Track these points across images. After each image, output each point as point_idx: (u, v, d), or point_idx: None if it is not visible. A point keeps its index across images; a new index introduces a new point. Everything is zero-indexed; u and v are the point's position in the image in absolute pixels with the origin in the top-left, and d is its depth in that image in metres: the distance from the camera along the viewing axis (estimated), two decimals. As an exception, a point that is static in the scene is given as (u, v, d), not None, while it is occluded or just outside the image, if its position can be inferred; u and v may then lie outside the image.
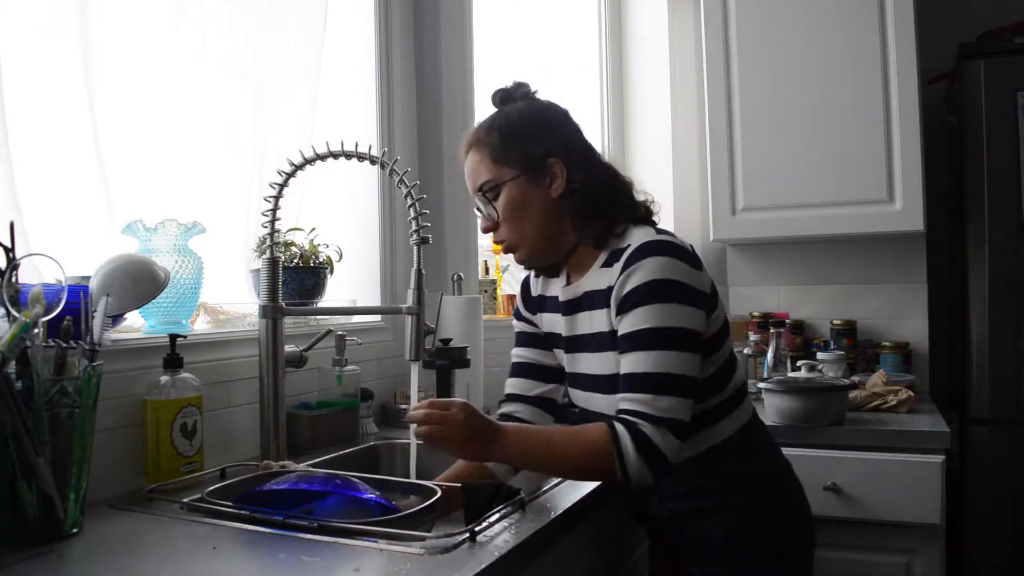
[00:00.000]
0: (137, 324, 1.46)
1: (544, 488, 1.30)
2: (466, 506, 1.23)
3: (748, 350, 2.42)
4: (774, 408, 1.96)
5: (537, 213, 1.29)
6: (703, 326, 1.20)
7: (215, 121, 1.67)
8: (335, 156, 1.46)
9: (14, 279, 1.07)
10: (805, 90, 2.35)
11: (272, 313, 1.48)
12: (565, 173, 1.29)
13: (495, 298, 2.38)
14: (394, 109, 2.13)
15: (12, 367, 1.01)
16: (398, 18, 2.15)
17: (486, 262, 2.44)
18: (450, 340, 1.87)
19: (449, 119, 2.21)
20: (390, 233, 2.10)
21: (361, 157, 1.46)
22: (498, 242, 1.35)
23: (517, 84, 1.36)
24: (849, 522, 1.85)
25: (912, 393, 2.10)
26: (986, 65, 2.20)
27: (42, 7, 1.36)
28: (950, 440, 1.86)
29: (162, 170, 1.57)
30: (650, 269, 1.18)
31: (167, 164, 1.58)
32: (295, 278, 1.69)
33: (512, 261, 1.38)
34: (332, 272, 1.79)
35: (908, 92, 2.24)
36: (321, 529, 1.05)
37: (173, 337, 1.35)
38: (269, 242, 1.47)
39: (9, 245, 1.07)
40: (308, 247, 1.76)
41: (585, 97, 2.97)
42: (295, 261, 1.72)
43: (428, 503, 1.14)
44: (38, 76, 1.36)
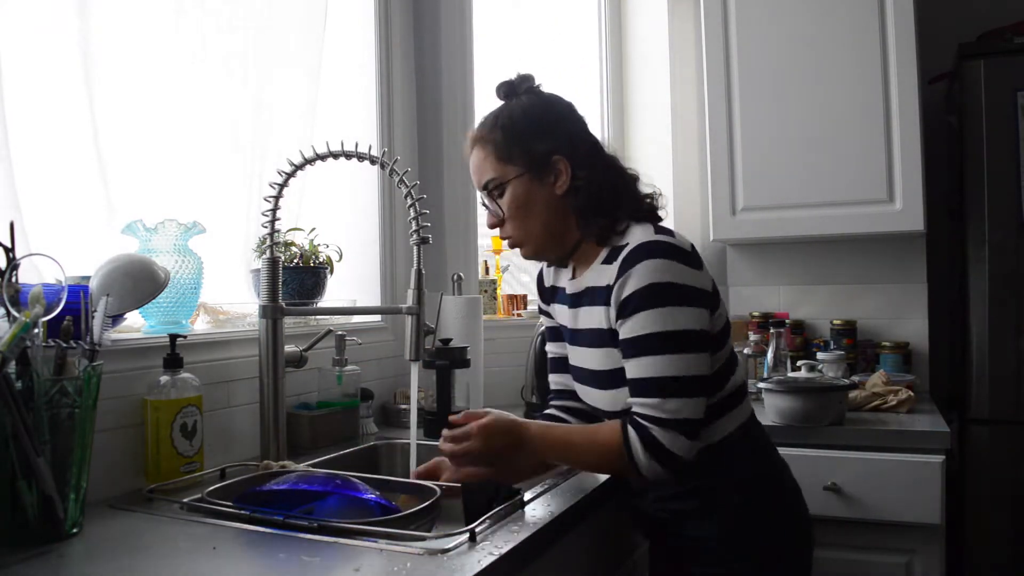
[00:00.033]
0: (137, 324, 1.47)
1: (544, 488, 1.30)
2: (466, 506, 1.23)
3: (748, 350, 2.42)
4: (774, 408, 1.96)
5: (542, 210, 1.30)
6: (707, 323, 1.21)
7: (215, 121, 1.67)
8: (335, 156, 1.46)
9: (14, 279, 1.07)
10: (805, 90, 2.35)
11: (272, 313, 1.48)
12: (569, 170, 1.29)
13: (495, 298, 2.38)
14: (394, 109, 2.13)
15: (12, 367, 1.01)
16: (398, 18, 2.16)
17: (486, 262, 2.44)
18: (450, 340, 1.87)
19: (449, 119, 2.21)
20: (390, 233, 2.10)
21: (361, 157, 1.46)
22: (504, 238, 1.35)
23: (522, 77, 1.36)
24: (849, 522, 1.85)
25: (912, 393, 2.10)
26: (986, 65, 2.19)
27: (42, 7, 1.36)
28: (950, 440, 1.86)
29: (162, 170, 1.57)
30: (647, 272, 1.18)
31: (167, 164, 1.58)
32: (295, 278, 1.69)
33: (512, 261, 1.39)
34: (332, 272, 1.80)
35: (908, 92, 2.24)
36: (321, 529, 1.05)
37: (173, 337, 1.35)
38: (269, 242, 1.47)
39: (9, 245, 1.07)
40: (308, 247, 1.76)
41: (585, 97, 2.96)
42: (295, 261, 1.72)
43: (428, 503, 1.14)
44: (38, 76, 1.36)
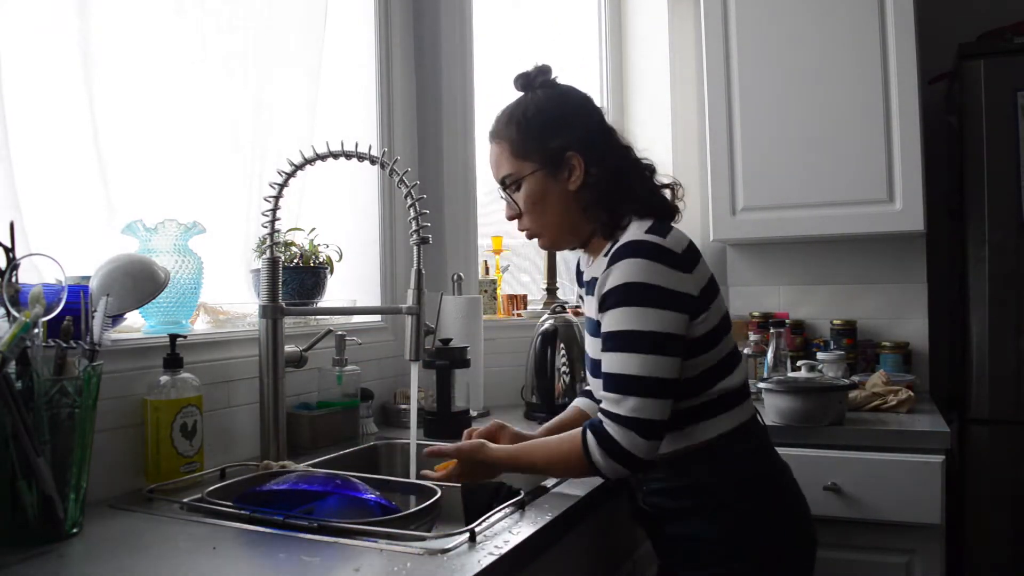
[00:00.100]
0: (137, 324, 1.46)
1: (544, 488, 1.30)
2: (466, 506, 1.24)
3: (748, 350, 2.42)
4: (774, 408, 1.96)
5: (556, 205, 1.33)
6: (682, 328, 1.20)
7: (215, 121, 1.67)
8: (335, 156, 1.46)
9: (14, 279, 1.07)
10: (805, 90, 2.35)
11: (272, 313, 1.48)
12: (582, 166, 1.31)
13: (495, 298, 2.38)
14: (394, 109, 2.13)
15: (12, 367, 1.01)
16: (398, 18, 2.15)
17: (486, 262, 2.44)
18: (450, 340, 1.87)
19: (449, 119, 2.21)
20: (390, 233, 2.10)
21: (361, 157, 1.46)
22: (521, 230, 1.39)
23: (538, 69, 1.39)
24: (849, 522, 1.85)
25: (912, 393, 2.10)
26: (986, 65, 2.19)
27: (42, 7, 1.36)
28: (950, 440, 1.86)
29: (162, 170, 1.57)
30: (626, 271, 1.20)
31: (167, 164, 1.58)
32: (295, 278, 1.69)
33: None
34: (332, 272, 1.80)
35: (908, 92, 2.24)
36: (321, 529, 1.05)
37: (173, 337, 1.35)
38: (269, 242, 1.47)
39: (9, 245, 1.07)
40: (308, 247, 1.76)
41: (585, 97, 2.96)
42: (295, 261, 1.72)
43: (428, 503, 1.14)
44: (38, 76, 1.36)
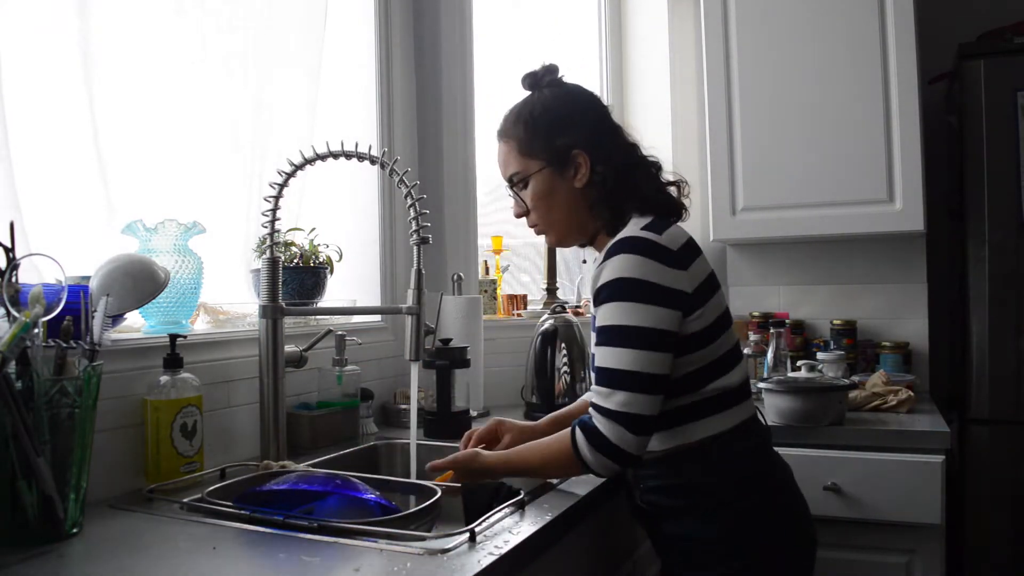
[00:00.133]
0: (137, 324, 1.46)
1: (544, 488, 1.30)
2: (466, 506, 1.24)
3: (748, 350, 2.42)
4: (774, 408, 1.96)
5: (563, 202, 1.35)
6: (674, 324, 1.20)
7: (215, 121, 1.67)
8: (335, 156, 1.46)
9: (14, 279, 1.07)
10: (805, 90, 2.35)
11: (272, 313, 1.48)
12: (589, 164, 1.33)
13: (495, 298, 2.38)
14: (394, 109, 2.13)
15: (12, 367, 1.01)
16: (398, 18, 2.15)
17: (486, 262, 2.44)
18: (450, 340, 1.87)
19: (449, 119, 2.21)
20: (390, 233, 2.10)
21: (361, 157, 1.46)
22: (530, 226, 1.41)
23: (546, 68, 1.40)
24: (849, 522, 1.85)
25: (912, 393, 2.10)
26: (986, 65, 2.19)
27: (42, 7, 1.36)
28: (950, 440, 1.86)
29: (162, 170, 1.57)
30: (619, 266, 1.21)
31: (167, 164, 1.58)
32: (295, 278, 1.69)
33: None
34: (332, 272, 1.80)
35: (908, 92, 2.24)
36: (321, 529, 1.05)
37: (173, 337, 1.35)
38: (269, 242, 1.47)
39: (9, 245, 1.07)
40: (308, 247, 1.76)
41: (585, 97, 2.96)
42: (295, 261, 1.72)
43: (428, 503, 1.14)
44: (38, 76, 1.36)
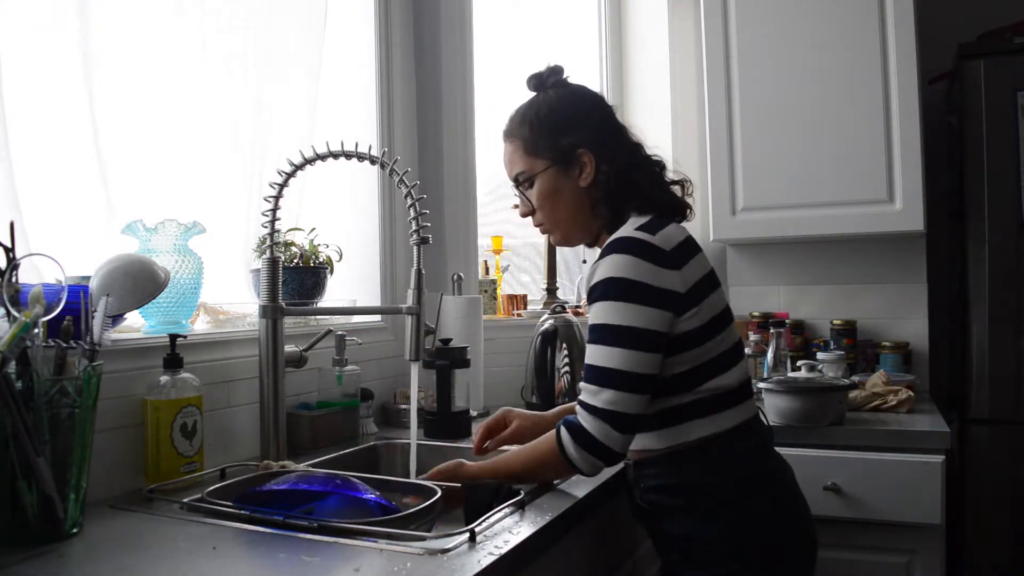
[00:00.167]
0: (137, 324, 1.46)
1: (544, 488, 1.30)
2: (466, 506, 1.24)
3: (748, 350, 2.42)
4: (774, 408, 1.96)
5: (568, 201, 1.36)
6: (664, 325, 1.21)
7: (215, 121, 1.67)
8: (335, 156, 1.46)
9: (14, 279, 1.07)
10: (805, 90, 2.35)
11: (272, 313, 1.48)
12: (593, 163, 1.34)
13: (495, 298, 2.38)
14: (394, 109, 2.13)
15: (12, 367, 1.01)
16: (398, 18, 2.15)
17: (486, 262, 2.44)
18: (450, 340, 1.87)
19: (449, 119, 2.21)
20: (390, 233, 2.10)
21: (361, 157, 1.46)
22: (536, 225, 1.42)
23: (550, 70, 1.41)
24: (849, 522, 1.85)
25: (912, 393, 2.10)
26: (986, 65, 2.19)
27: (42, 7, 1.36)
28: (950, 440, 1.86)
29: (162, 170, 1.57)
30: (611, 266, 1.22)
31: (167, 164, 1.58)
32: (295, 278, 1.69)
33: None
34: (332, 272, 1.80)
35: (908, 92, 2.24)
36: (321, 529, 1.05)
37: (173, 337, 1.35)
38: (269, 242, 1.47)
39: (9, 245, 1.07)
40: (308, 247, 1.76)
41: (585, 97, 2.96)
42: (295, 261, 1.72)
43: (428, 503, 1.14)
44: (38, 76, 1.36)
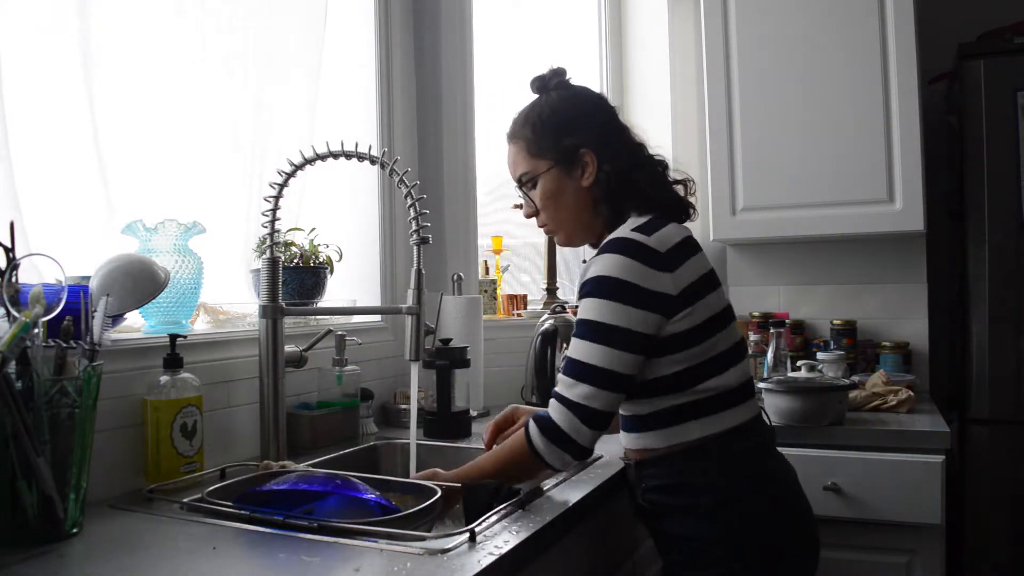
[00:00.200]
0: (137, 324, 1.46)
1: (544, 488, 1.30)
2: (466, 506, 1.24)
3: (748, 350, 2.42)
4: (774, 408, 1.96)
5: (571, 201, 1.37)
6: (650, 327, 1.21)
7: (215, 121, 1.67)
8: (335, 156, 1.46)
9: (14, 279, 1.07)
10: (805, 90, 2.35)
11: (272, 313, 1.48)
12: (595, 163, 1.34)
13: (495, 298, 2.38)
14: (394, 109, 2.13)
15: (12, 367, 1.01)
16: (398, 18, 2.15)
17: (486, 262, 2.44)
18: (450, 340, 1.87)
19: (449, 119, 2.21)
20: (390, 233, 2.10)
21: (361, 157, 1.46)
22: (540, 226, 1.43)
23: (553, 72, 1.42)
24: (849, 522, 1.85)
25: (912, 393, 2.10)
26: (986, 65, 2.19)
27: (42, 7, 1.36)
28: (950, 440, 1.86)
29: (162, 170, 1.57)
30: (603, 265, 1.23)
31: (167, 164, 1.58)
32: (295, 278, 1.69)
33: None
34: (332, 272, 1.80)
35: (908, 92, 2.24)
36: (321, 529, 1.05)
37: (173, 337, 1.35)
38: (269, 242, 1.47)
39: (9, 245, 1.07)
40: (308, 247, 1.76)
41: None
42: (295, 261, 1.72)
43: (428, 503, 1.14)
44: (38, 76, 1.36)
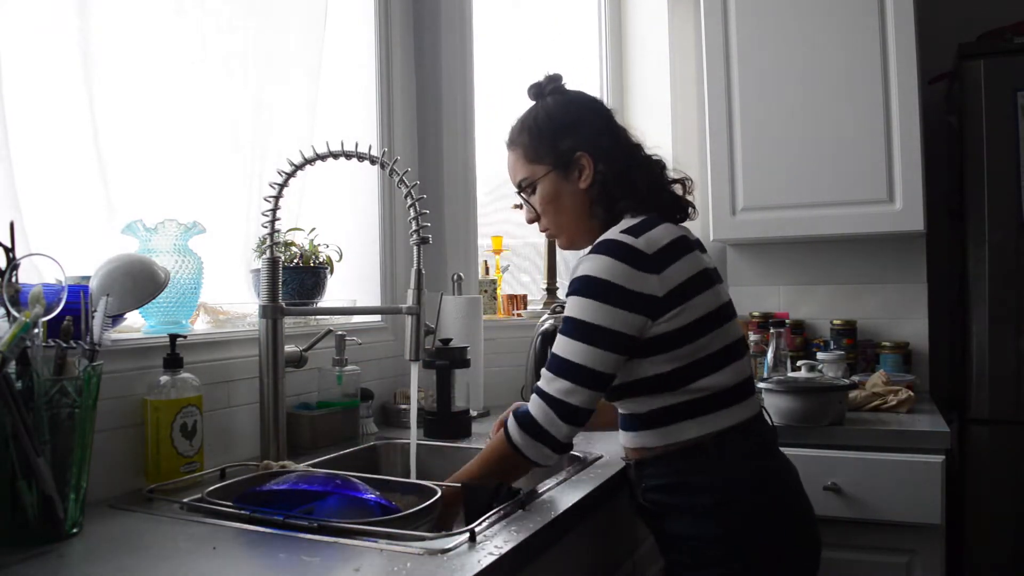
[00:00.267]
0: (137, 324, 1.46)
1: (544, 488, 1.30)
2: (466, 506, 1.24)
3: (749, 348, 2.42)
4: (774, 408, 1.96)
5: (570, 204, 1.38)
6: (634, 328, 1.22)
7: (215, 121, 1.67)
8: (335, 156, 1.46)
9: (14, 279, 1.07)
10: (805, 90, 2.35)
11: (272, 313, 1.48)
12: (592, 165, 1.35)
13: (495, 298, 2.38)
14: (394, 109, 2.13)
15: (12, 367, 1.01)
16: (398, 18, 2.15)
17: (486, 262, 2.44)
18: (450, 340, 1.87)
19: (449, 119, 2.21)
20: (390, 233, 2.10)
21: (361, 157, 1.46)
22: (542, 231, 1.45)
23: (549, 78, 1.44)
24: (849, 522, 1.85)
25: (912, 393, 2.10)
26: (986, 65, 2.19)
27: (42, 7, 1.36)
28: (950, 440, 1.86)
29: (162, 170, 1.57)
30: (590, 265, 1.24)
31: (167, 164, 1.58)
32: (295, 278, 1.69)
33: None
34: (332, 272, 1.80)
35: (908, 92, 2.24)
36: (321, 529, 1.05)
37: (173, 337, 1.35)
38: (269, 242, 1.47)
39: (9, 245, 1.07)
40: (308, 247, 1.76)
41: (585, 97, 2.96)
42: (295, 261, 1.72)
43: (428, 503, 1.14)
44: (38, 76, 1.36)
